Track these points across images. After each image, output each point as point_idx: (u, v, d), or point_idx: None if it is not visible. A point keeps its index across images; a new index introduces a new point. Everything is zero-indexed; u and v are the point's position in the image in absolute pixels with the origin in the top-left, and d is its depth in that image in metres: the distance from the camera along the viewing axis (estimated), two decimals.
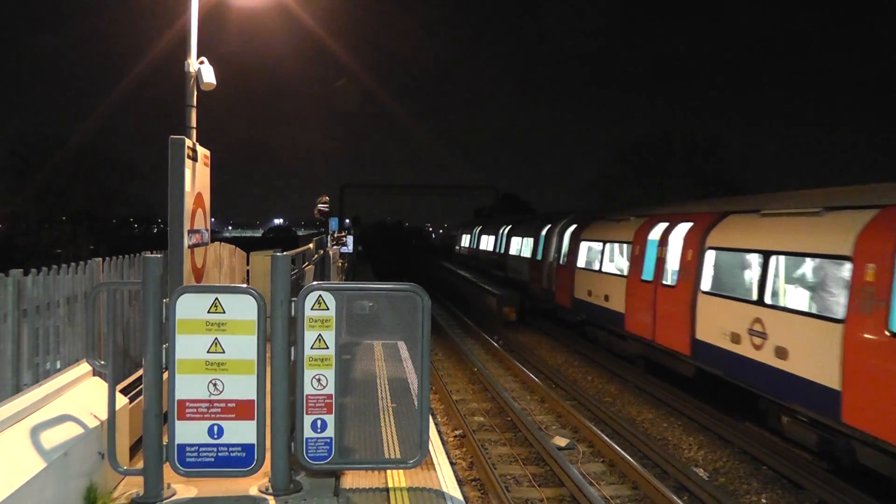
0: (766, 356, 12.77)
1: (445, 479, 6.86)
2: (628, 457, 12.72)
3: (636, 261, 19.34)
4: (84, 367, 6.72)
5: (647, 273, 18.40)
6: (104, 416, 6.21)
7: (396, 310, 6.64)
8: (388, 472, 6.91)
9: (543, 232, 30.73)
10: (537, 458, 13.22)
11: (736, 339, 13.77)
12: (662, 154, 63.08)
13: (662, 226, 17.88)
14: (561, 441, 13.99)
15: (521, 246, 35.66)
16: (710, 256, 15.41)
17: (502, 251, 40.53)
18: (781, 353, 12.30)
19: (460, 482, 11.46)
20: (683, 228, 17.07)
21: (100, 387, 6.71)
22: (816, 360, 11.38)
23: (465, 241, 59.58)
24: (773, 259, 13.12)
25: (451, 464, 9.24)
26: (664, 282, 17.30)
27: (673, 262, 17.23)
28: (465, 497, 7.46)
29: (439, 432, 14.34)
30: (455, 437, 14.67)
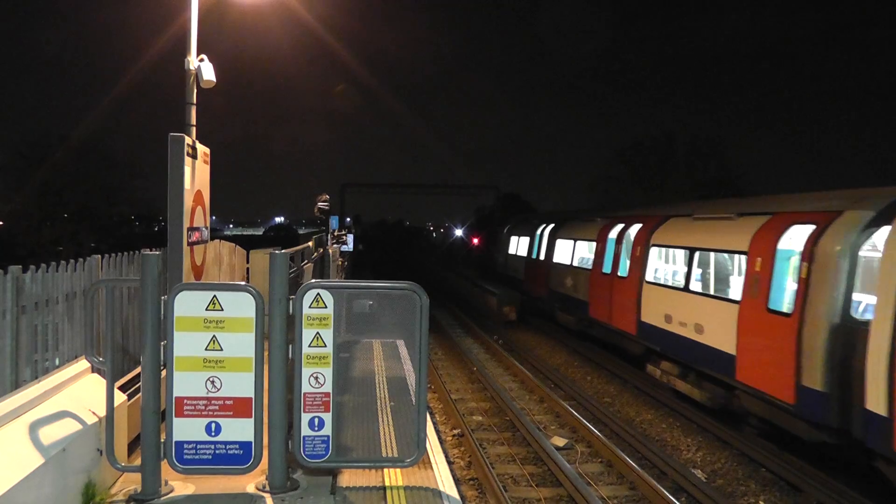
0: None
1: (442, 477, 6.86)
2: (626, 457, 12.74)
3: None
4: (83, 363, 6.74)
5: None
6: (102, 412, 6.22)
7: (395, 308, 6.65)
8: (386, 470, 6.92)
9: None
10: (535, 458, 13.24)
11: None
12: (663, 155, 62.96)
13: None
14: (559, 441, 14.01)
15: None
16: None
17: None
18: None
19: (458, 481, 11.49)
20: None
21: (98, 383, 6.72)
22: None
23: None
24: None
25: (449, 463, 9.26)
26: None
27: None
28: (462, 496, 7.48)
29: (437, 431, 14.35)
30: (453, 436, 14.69)
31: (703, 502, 11.20)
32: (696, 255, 16.64)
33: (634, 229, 20.61)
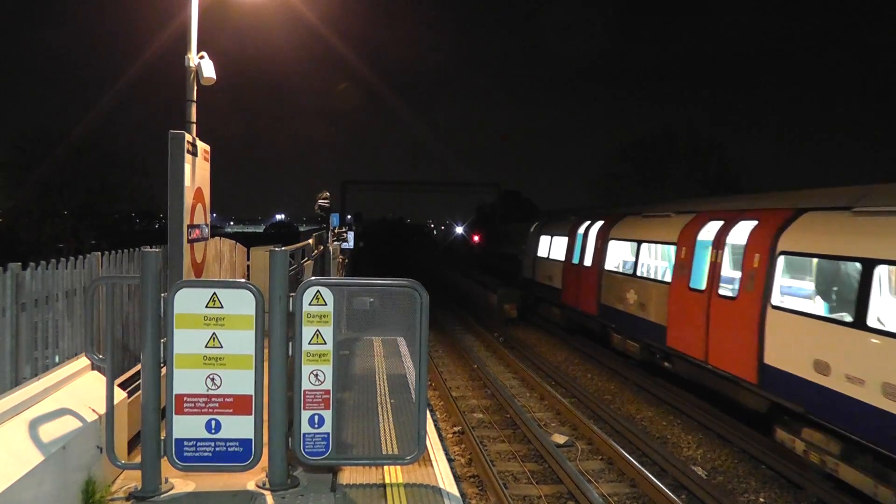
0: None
1: (443, 475, 6.86)
2: (627, 455, 12.74)
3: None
4: (83, 361, 6.74)
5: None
6: (103, 410, 6.22)
7: (395, 306, 6.64)
8: (386, 467, 6.92)
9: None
10: (536, 456, 13.24)
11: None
12: (665, 153, 62.90)
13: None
14: (560, 438, 14.01)
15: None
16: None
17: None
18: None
19: (458, 478, 11.49)
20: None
21: (98, 381, 6.72)
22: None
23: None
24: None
25: (449, 460, 9.27)
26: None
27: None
28: (462, 493, 7.48)
29: (438, 429, 14.35)
30: (454, 433, 14.69)
31: (704, 499, 11.20)
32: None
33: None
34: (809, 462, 11.61)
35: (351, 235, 22.21)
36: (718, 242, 15.07)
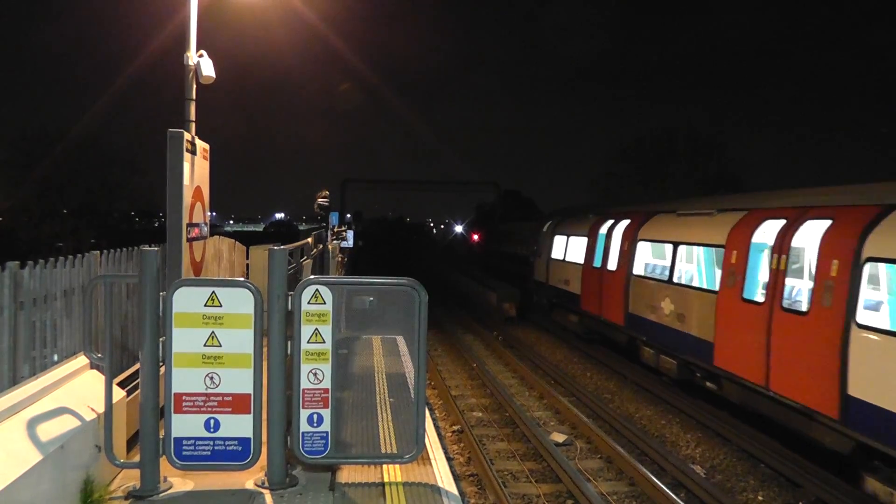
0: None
1: (441, 474, 6.86)
2: (626, 453, 12.75)
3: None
4: (81, 359, 6.73)
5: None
6: (101, 408, 6.22)
7: (394, 304, 6.65)
8: (385, 466, 6.91)
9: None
10: (535, 454, 13.24)
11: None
12: (665, 152, 62.94)
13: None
14: (559, 437, 14.01)
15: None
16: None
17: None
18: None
19: (457, 477, 11.50)
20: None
21: (97, 380, 6.72)
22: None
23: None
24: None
25: (448, 459, 9.26)
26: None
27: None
28: (461, 492, 7.48)
29: (437, 427, 14.35)
30: (453, 432, 14.70)
31: (703, 498, 11.20)
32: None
33: (816, 230, 12.23)
34: None
35: (350, 234, 22.18)
36: (780, 246, 12.60)
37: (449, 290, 42.68)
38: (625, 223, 19.78)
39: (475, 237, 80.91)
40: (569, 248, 24.98)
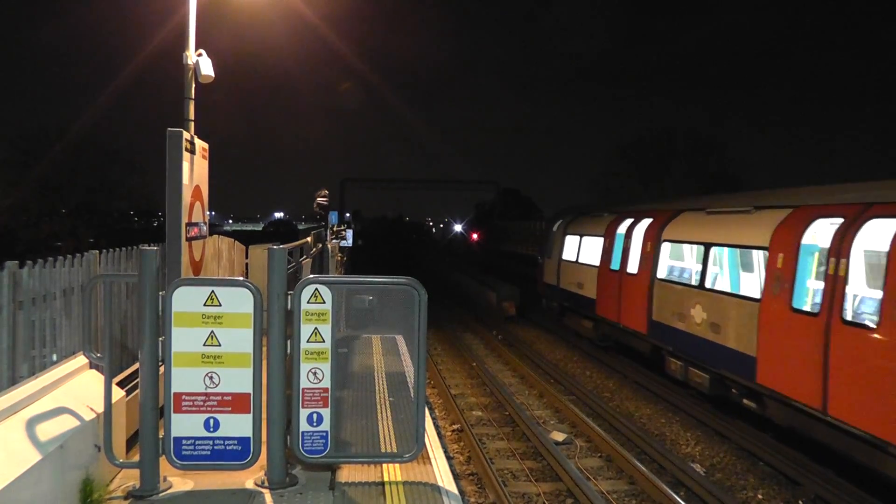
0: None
1: (441, 473, 6.86)
2: (626, 452, 12.75)
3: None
4: (80, 359, 6.72)
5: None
6: (100, 408, 6.21)
7: (394, 304, 6.65)
8: (385, 466, 6.91)
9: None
10: (535, 453, 13.24)
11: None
12: (664, 151, 63.08)
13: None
14: (559, 436, 14.01)
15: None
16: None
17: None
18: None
19: (457, 476, 11.49)
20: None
21: (96, 379, 6.71)
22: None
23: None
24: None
25: (448, 458, 9.26)
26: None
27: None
28: (461, 491, 7.48)
29: (437, 426, 14.35)
30: (453, 431, 14.69)
31: (702, 496, 11.20)
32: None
33: (885, 230, 10.64)
34: None
35: (350, 233, 22.15)
36: (838, 248, 10.86)
37: (449, 289, 42.67)
38: (646, 222, 18.28)
39: (474, 236, 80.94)
40: (582, 249, 23.21)
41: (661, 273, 17.26)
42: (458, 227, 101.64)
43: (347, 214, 60.58)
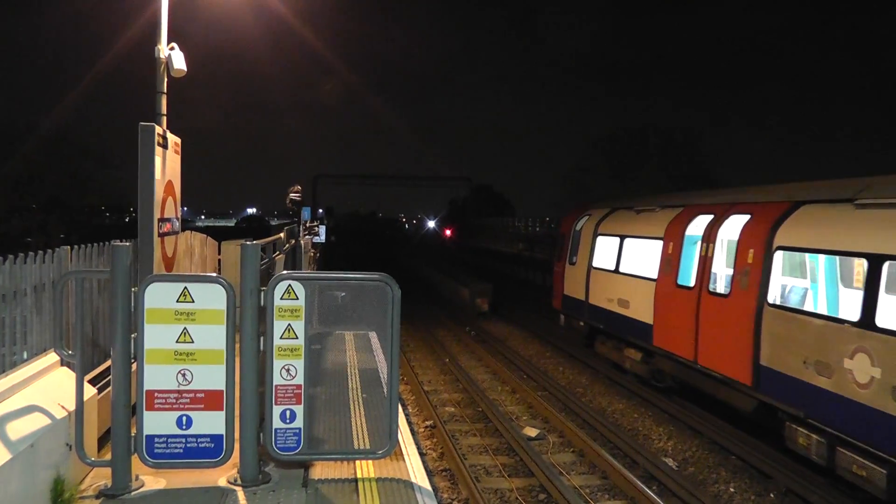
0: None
1: (414, 469, 6.87)
2: (598, 447, 12.82)
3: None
4: (52, 357, 6.67)
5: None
6: (72, 406, 6.16)
7: (367, 300, 6.65)
8: (358, 462, 6.92)
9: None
10: (508, 449, 13.27)
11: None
12: (637, 147, 63.45)
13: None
14: (532, 431, 14.06)
15: None
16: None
17: None
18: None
19: (430, 472, 11.51)
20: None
21: (68, 377, 6.66)
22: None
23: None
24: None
25: (421, 454, 9.28)
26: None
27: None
28: (434, 487, 7.48)
29: (410, 423, 14.35)
30: (426, 427, 14.70)
31: (675, 490, 11.28)
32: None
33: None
34: None
35: (323, 229, 22.11)
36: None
37: (422, 286, 42.66)
38: (740, 220, 13.31)
39: (448, 232, 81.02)
40: (625, 255, 17.86)
41: (775, 296, 12.09)
42: (431, 224, 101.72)
43: (320, 210, 60.29)
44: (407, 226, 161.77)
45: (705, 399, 14.66)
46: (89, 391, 6.61)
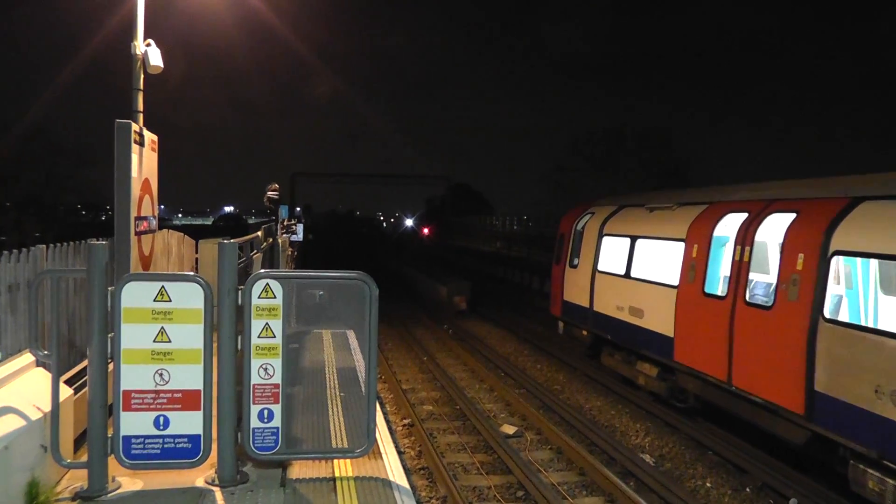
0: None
1: (392, 467, 6.88)
2: (576, 444, 12.88)
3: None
4: (27, 357, 6.61)
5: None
6: (47, 407, 6.11)
7: (345, 298, 6.65)
8: (336, 461, 6.91)
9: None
10: (486, 447, 13.31)
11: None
12: (614, 146, 63.73)
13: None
14: (509, 429, 14.10)
15: None
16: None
17: None
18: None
19: (408, 471, 11.51)
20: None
21: (43, 378, 6.60)
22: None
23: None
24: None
25: (399, 453, 9.27)
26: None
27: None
28: (412, 485, 7.51)
29: (388, 421, 14.34)
30: (404, 425, 14.70)
31: (652, 486, 11.34)
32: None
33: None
34: None
35: (300, 228, 22.05)
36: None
37: (400, 284, 42.65)
38: (783, 219, 11.51)
39: (425, 230, 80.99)
40: (637, 257, 16.00)
41: (833, 309, 10.41)
42: (409, 222, 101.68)
43: (298, 209, 60.14)
44: (385, 224, 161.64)
45: (737, 423, 13.04)
46: (65, 392, 6.56)
